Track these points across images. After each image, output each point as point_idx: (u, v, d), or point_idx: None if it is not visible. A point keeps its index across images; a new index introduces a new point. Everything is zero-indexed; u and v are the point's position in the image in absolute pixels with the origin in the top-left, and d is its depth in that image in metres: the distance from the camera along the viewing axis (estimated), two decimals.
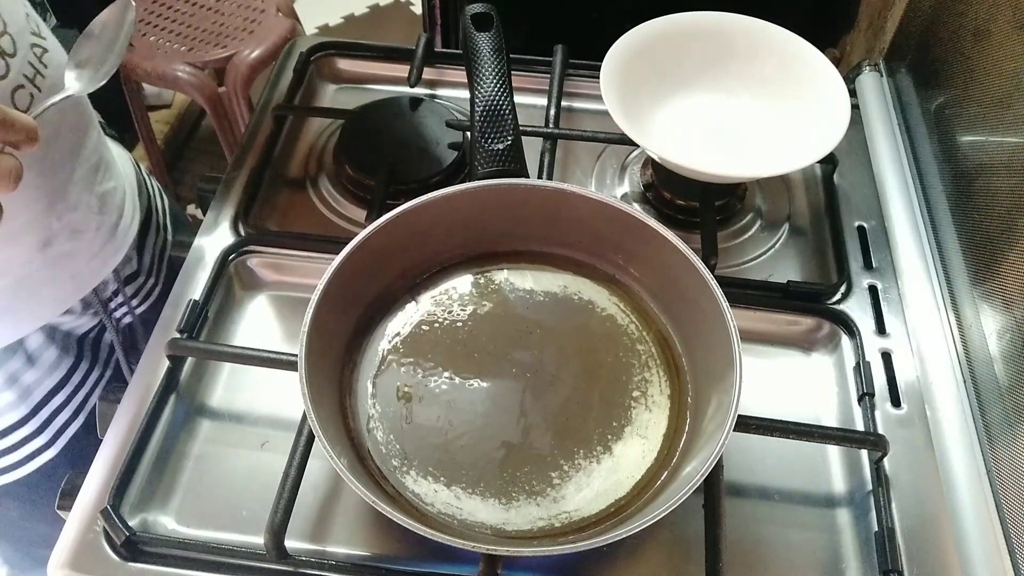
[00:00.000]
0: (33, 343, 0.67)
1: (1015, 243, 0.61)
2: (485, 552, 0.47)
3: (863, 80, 0.87)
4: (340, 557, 0.53)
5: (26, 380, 0.67)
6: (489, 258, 0.64)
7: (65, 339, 0.71)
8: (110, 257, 0.70)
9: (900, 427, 0.60)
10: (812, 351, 0.66)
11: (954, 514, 0.56)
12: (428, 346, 0.59)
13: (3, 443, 0.68)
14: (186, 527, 0.55)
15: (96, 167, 0.66)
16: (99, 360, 0.75)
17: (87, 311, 0.71)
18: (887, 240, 0.72)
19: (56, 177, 0.61)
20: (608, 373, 0.59)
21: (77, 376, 0.72)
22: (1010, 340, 0.59)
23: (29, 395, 0.68)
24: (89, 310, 0.71)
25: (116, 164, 0.72)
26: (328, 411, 0.53)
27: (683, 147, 0.72)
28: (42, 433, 0.70)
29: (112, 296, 0.74)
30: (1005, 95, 0.66)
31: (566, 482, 0.54)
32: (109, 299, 0.74)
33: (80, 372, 0.72)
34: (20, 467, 0.70)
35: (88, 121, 0.65)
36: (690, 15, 0.74)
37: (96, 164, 0.66)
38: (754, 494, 0.57)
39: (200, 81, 1.48)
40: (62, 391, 0.70)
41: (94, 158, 0.66)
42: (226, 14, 1.56)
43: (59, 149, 0.61)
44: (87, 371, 0.73)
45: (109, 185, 0.69)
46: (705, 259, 0.64)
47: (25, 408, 0.68)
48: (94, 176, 0.66)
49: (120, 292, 0.74)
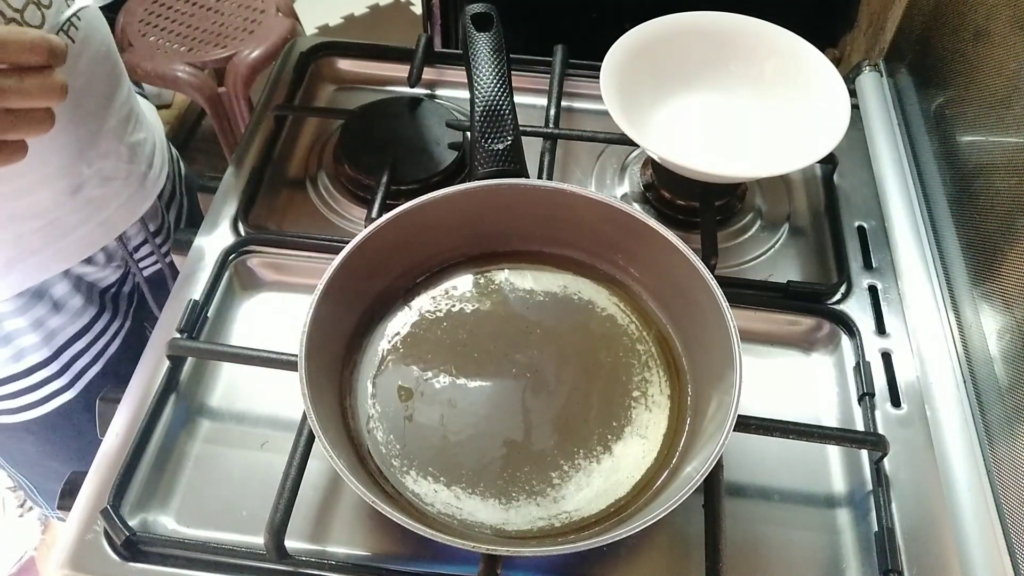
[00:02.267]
0: (59, 291, 0.71)
1: (1015, 243, 0.61)
2: (485, 552, 0.47)
3: (863, 80, 0.87)
4: (340, 557, 0.53)
5: (51, 325, 0.71)
6: (489, 258, 0.64)
7: (89, 290, 0.74)
8: (137, 205, 0.73)
9: (900, 427, 0.60)
10: (812, 351, 0.66)
11: (954, 514, 0.56)
12: (428, 346, 0.59)
13: (25, 382, 0.72)
14: (186, 527, 0.55)
15: (127, 118, 0.70)
16: (119, 312, 0.79)
17: (110, 263, 0.75)
18: (887, 240, 0.72)
19: (88, 126, 0.65)
20: (608, 373, 0.58)
21: (99, 324, 0.76)
22: (1010, 340, 0.59)
23: (53, 339, 0.72)
24: (112, 263, 0.75)
25: (146, 117, 0.76)
26: (328, 411, 0.53)
27: (683, 147, 0.72)
28: (62, 375, 0.74)
29: (139, 246, 0.78)
30: (1005, 95, 0.66)
31: (566, 482, 0.54)
32: (136, 248, 0.78)
33: (102, 321, 0.76)
34: (40, 406, 0.75)
35: (120, 73, 0.69)
36: (690, 15, 0.74)
37: (127, 115, 0.70)
38: (754, 494, 0.57)
39: (200, 81, 1.48)
40: (84, 337, 0.74)
41: (125, 109, 0.69)
42: (226, 14, 1.56)
43: (92, 99, 0.64)
44: (109, 320, 0.77)
45: (139, 136, 0.72)
46: (705, 259, 0.64)
47: (48, 351, 0.72)
48: (125, 127, 0.69)
49: (148, 242, 0.78)
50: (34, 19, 0.56)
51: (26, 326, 0.70)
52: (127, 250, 0.76)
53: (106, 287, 0.77)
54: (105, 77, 0.66)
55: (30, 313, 0.69)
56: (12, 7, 0.55)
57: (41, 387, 0.74)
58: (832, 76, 0.70)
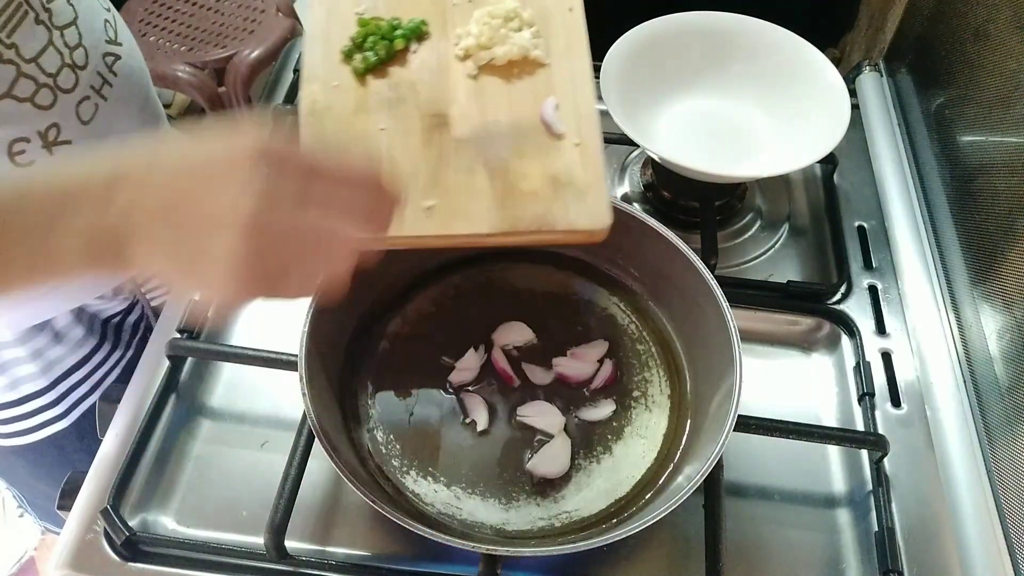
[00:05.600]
0: (61, 322, 0.69)
1: (1015, 243, 0.61)
2: (485, 552, 0.47)
3: (863, 80, 0.87)
4: (340, 557, 0.53)
5: (50, 355, 0.70)
6: (489, 257, 0.64)
7: (91, 320, 0.73)
8: None
9: (900, 427, 0.60)
10: (812, 351, 0.66)
11: (954, 514, 0.56)
12: (428, 346, 0.59)
13: (20, 410, 0.71)
14: (186, 527, 0.55)
15: None
16: (121, 342, 0.77)
17: (118, 296, 0.74)
18: (887, 240, 0.72)
19: None
20: None
21: (99, 355, 0.74)
22: (1010, 340, 0.59)
23: (51, 369, 0.71)
24: (119, 295, 0.74)
25: None
26: (328, 411, 0.53)
27: (683, 147, 0.72)
28: (57, 405, 0.73)
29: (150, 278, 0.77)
30: (1005, 95, 0.65)
31: (566, 482, 0.54)
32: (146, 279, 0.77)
33: (102, 352, 0.75)
34: (31, 433, 0.74)
35: (157, 121, 0.68)
36: (690, 15, 0.73)
37: None
38: (754, 494, 0.57)
39: (200, 81, 1.48)
40: (82, 368, 0.73)
41: None
42: (226, 14, 1.56)
43: None
44: (109, 351, 0.75)
45: None
46: (705, 259, 0.64)
47: (45, 380, 0.71)
48: None
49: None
50: (67, 83, 0.55)
51: (25, 356, 0.68)
52: (137, 283, 0.75)
53: (109, 316, 0.76)
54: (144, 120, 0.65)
55: (30, 344, 0.68)
56: (45, 72, 0.54)
57: (35, 415, 0.73)
58: (832, 76, 0.70)
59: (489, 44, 0.51)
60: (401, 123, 0.49)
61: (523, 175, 0.47)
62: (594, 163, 0.47)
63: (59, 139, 0.56)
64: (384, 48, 0.51)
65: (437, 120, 0.49)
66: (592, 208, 0.45)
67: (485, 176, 0.47)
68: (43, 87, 0.54)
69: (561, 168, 0.47)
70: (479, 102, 0.50)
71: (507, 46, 0.51)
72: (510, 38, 0.51)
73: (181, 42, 1.51)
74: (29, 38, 0.52)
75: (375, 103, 0.50)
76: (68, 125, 0.56)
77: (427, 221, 0.45)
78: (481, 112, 0.49)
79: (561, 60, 0.51)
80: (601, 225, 0.45)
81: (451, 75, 0.51)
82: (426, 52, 0.52)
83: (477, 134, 0.49)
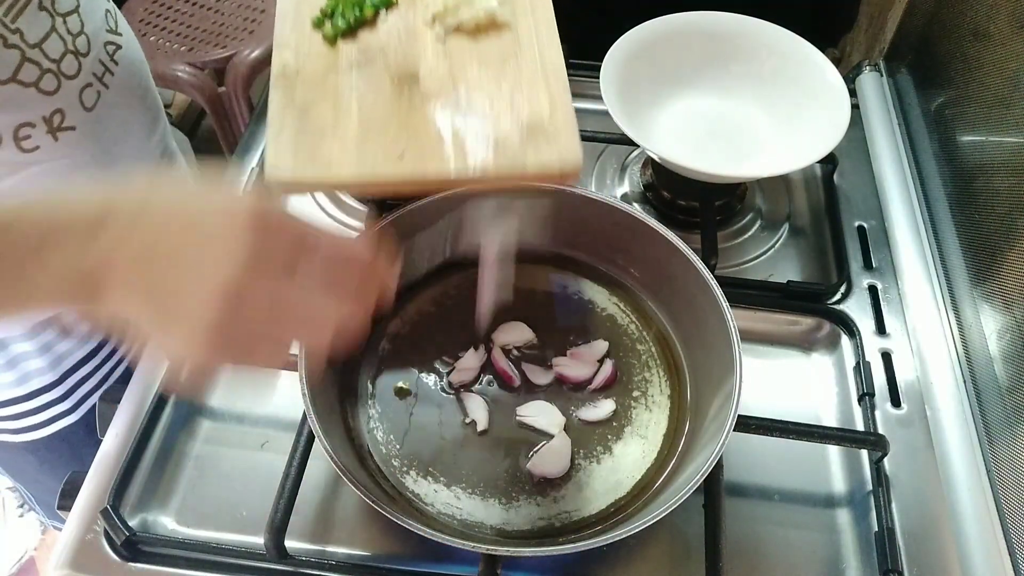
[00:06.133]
0: (68, 317, 0.69)
1: (1015, 243, 0.61)
2: (485, 552, 0.47)
3: (863, 80, 0.87)
4: (340, 557, 0.53)
5: (59, 350, 0.71)
6: None
7: None
8: None
9: (900, 427, 0.60)
10: (812, 351, 0.66)
11: (954, 514, 0.56)
12: (428, 346, 0.59)
13: (29, 405, 0.72)
14: (186, 527, 0.55)
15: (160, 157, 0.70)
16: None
17: None
18: (887, 240, 0.72)
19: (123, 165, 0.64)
20: None
21: (106, 350, 0.75)
22: (1010, 340, 0.59)
23: (59, 363, 0.71)
24: None
25: (179, 155, 0.76)
26: (328, 411, 0.53)
27: (683, 147, 0.72)
28: (66, 399, 0.74)
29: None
30: (1005, 95, 0.65)
31: (566, 482, 0.54)
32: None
33: (109, 346, 0.75)
34: (41, 428, 0.74)
35: (156, 114, 0.69)
36: (690, 15, 0.73)
37: (160, 154, 0.70)
38: (754, 494, 0.57)
39: (200, 81, 1.48)
40: (90, 362, 0.74)
41: (159, 148, 0.69)
42: (226, 14, 1.56)
43: (127, 145, 0.64)
44: (116, 345, 0.76)
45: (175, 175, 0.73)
46: (705, 259, 0.64)
47: (53, 375, 0.71)
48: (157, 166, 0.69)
49: None
50: (71, 69, 0.56)
51: (33, 350, 0.69)
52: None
53: None
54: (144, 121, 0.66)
55: (39, 338, 0.68)
56: (49, 58, 0.54)
57: (44, 410, 0.73)
58: (832, 76, 0.70)
59: (455, 7, 0.53)
60: (372, 82, 0.51)
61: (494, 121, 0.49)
62: (563, 107, 0.49)
63: (63, 125, 0.57)
64: (353, 15, 0.53)
65: (407, 79, 0.51)
66: (564, 148, 0.48)
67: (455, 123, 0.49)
68: (47, 72, 0.54)
69: (531, 113, 0.49)
70: (448, 60, 0.52)
71: (473, 9, 0.53)
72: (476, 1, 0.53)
73: (181, 42, 1.51)
74: (33, 23, 0.53)
75: (345, 65, 0.52)
76: (72, 111, 0.57)
77: (399, 165, 0.47)
78: (450, 69, 0.52)
79: (527, 17, 0.54)
80: (572, 166, 0.47)
81: (419, 39, 0.53)
82: (395, 19, 0.55)
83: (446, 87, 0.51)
